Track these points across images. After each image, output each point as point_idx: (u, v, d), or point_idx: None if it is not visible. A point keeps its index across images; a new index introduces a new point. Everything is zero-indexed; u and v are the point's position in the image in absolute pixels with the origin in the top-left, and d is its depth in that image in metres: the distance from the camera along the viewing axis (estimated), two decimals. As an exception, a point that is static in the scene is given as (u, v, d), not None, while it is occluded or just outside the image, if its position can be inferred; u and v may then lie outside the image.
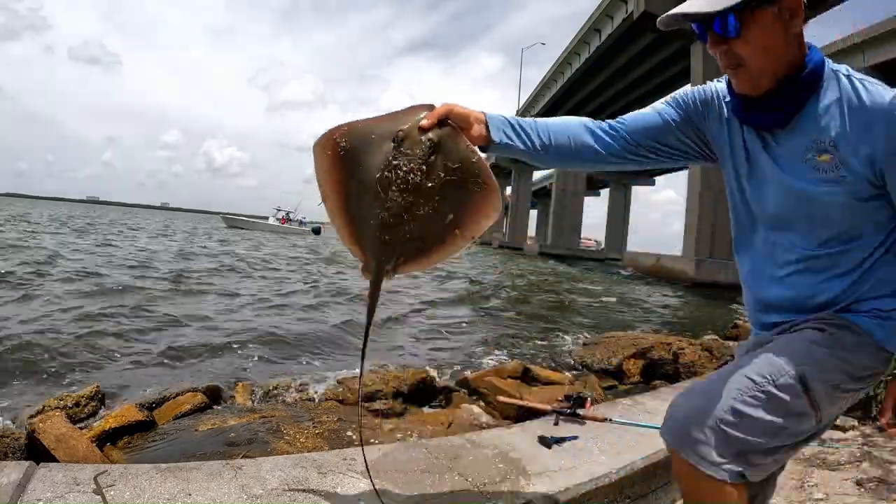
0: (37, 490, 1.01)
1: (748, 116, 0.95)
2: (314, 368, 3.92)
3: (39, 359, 3.54)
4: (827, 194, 0.88)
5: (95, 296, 6.23)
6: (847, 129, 0.85)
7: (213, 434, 2.01)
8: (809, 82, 0.88)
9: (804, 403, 0.87)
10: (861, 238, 0.91)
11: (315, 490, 1.15)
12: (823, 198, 0.88)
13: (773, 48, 0.87)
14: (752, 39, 0.86)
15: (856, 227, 0.90)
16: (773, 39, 0.86)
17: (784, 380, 0.87)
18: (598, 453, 1.54)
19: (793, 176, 0.91)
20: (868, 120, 0.83)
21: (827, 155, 0.87)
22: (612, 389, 3.64)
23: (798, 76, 0.88)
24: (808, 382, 0.87)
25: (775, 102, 0.90)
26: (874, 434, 2.37)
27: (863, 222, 0.90)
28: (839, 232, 0.91)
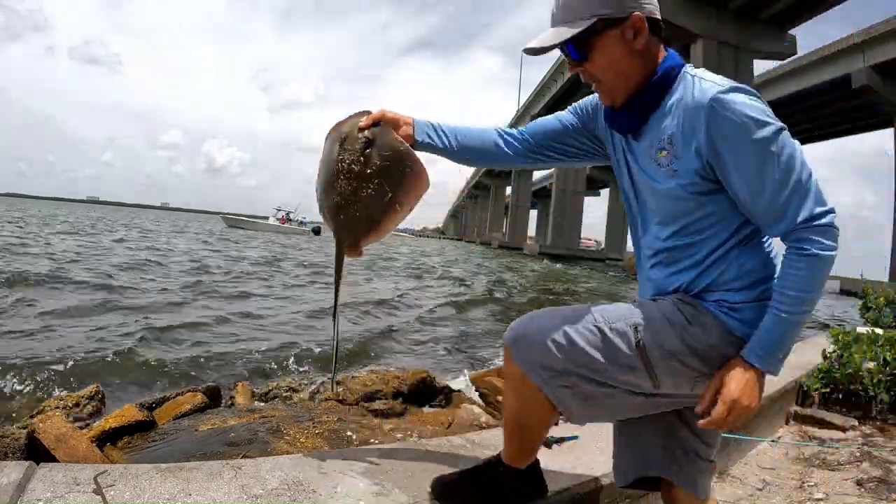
0: (37, 490, 1.01)
1: (612, 123, 1.06)
2: (314, 368, 3.92)
3: (40, 358, 3.54)
4: (668, 189, 0.96)
5: (108, 297, 6.23)
6: (682, 125, 0.92)
7: (213, 434, 2.01)
8: (658, 88, 0.97)
9: (634, 357, 0.95)
10: (705, 231, 0.97)
11: (315, 490, 1.15)
12: (666, 192, 0.97)
13: (620, 66, 0.97)
14: (599, 61, 0.97)
15: (699, 220, 0.97)
16: (619, 59, 0.96)
17: (619, 325, 0.96)
18: (598, 453, 1.54)
19: (647, 175, 1.00)
20: (696, 115, 0.90)
21: (664, 151, 0.95)
22: (612, 389, 3.64)
23: (646, 86, 0.98)
24: (641, 336, 0.95)
25: (627, 110, 1.00)
26: (874, 434, 2.37)
27: (704, 216, 0.96)
28: (684, 225, 0.98)
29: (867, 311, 4.79)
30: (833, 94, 26.11)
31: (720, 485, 1.86)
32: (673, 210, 0.98)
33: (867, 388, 2.58)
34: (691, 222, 0.97)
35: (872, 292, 4.81)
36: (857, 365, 2.63)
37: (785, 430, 2.50)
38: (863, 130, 34.13)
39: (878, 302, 4.72)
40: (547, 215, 54.44)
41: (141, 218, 58.69)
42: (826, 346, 2.97)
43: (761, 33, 21.94)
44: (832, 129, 34.39)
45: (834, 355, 2.78)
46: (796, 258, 0.89)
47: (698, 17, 20.88)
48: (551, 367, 0.96)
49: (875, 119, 28.81)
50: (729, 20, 21.29)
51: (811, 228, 0.88)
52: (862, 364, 2.64)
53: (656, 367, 0.95)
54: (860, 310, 5.00)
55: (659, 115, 0.98)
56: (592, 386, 0.97)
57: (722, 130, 0.88)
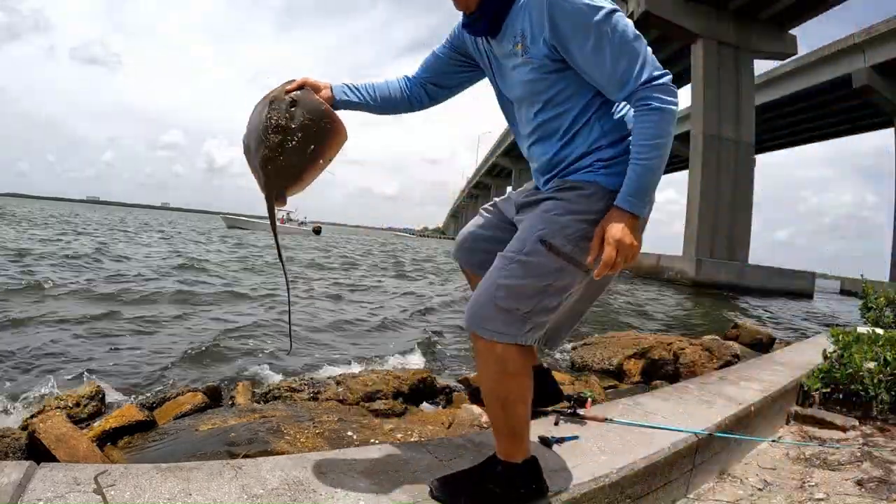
0: (37, 490, 1.01)
1: (470, 30, 1.22)
2: (315, 368, 3.92)
3: (40, 359, 3.54)
4: (527, 73, 1.14)
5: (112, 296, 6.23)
6: (531, 21, 1.09)
7: (214, 434, 2.01)
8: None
9: (554, 259, 1.10)
10: (565, 104, 1.15)
11: (315, 490, 1.15)
12: (527, 77, 1.14)
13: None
14: None
15: (556, 95, 1.14)
16: None
17: (528, 247, 1.11)
18: (598, 453, 1.54)
19: (511, 67, 1.18)
20: (540, 10, 1.06)
21: (519, 44, 1.12)
22: (613, 389, 3.64)
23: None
24: (549, 241, 1.10)
25: (482, 15, 1.15)
26: (875, 434, 2.37)
27: (560, 91, 1.14)
28: (546, 101, 1.16)
29: (868, 311, 4.79)
30: (833, 94, 26.07)
31: (720, 485, 1.86)
32: (534, 90, 1.15)
33: (868, 388, 2.58)
34: (551, 97, 1.15)
35: (873, 292, 4.80)
36: (858, 365, 2.62)
37: (785, 430, 2.50)
38: (863, 130, 34.06)
39: (879, 302, 4.72)
40: (547, 215, 54.26)
41: (148, 217, 58.68)
42: (827, 346, 2.97)
43: (761, 33, 21.92)
44: (832, 129, 34.33)
45: (834, 355, 2.78)
46: (644, 113, 1.05)
47: (698, 17, 20.86)
48: (512, 321, 1.09)
49: (875, 119, 28.77)
50: (729, 20, 21.26)
51: (651, 87, 1.04)
52: (862, 364, 2.63)
53: (574, 255, 1.11)
54: (861, 310, 5.00)
55: (511, 18, 1.14)
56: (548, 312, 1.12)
57: (562, 20, 1.04)
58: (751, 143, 21.78)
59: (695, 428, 1.80)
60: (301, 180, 1.30)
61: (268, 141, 1.25)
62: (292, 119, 1.25)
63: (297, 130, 1.25)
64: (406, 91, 1.40)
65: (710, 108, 20.91)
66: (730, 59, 21.36)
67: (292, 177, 1.29)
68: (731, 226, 21.17)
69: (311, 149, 1.26)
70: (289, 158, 1.26)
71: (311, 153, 1.27)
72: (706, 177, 20.87)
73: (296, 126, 1.25)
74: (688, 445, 1.70)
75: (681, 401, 2.16)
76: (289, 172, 1.28)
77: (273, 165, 1.26)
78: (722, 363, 3.70)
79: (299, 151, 1.25)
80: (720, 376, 2.68)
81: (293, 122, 1.25)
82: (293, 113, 1.26)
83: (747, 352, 4.61)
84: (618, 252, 1.04)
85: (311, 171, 1.30)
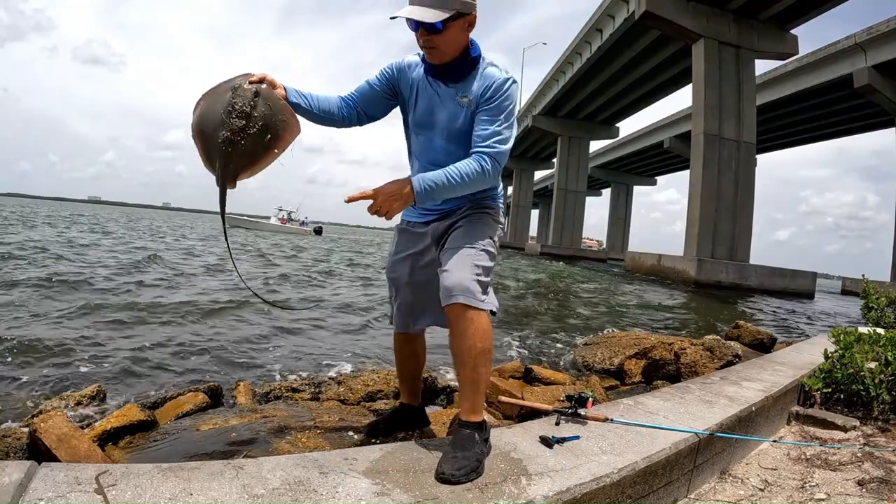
0: (38, 490, 1.01)
1: (437, 75, 1.57)
2: (316, 369, 3.92)
3: (41, 359, 3.55)
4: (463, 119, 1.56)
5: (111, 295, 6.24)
6: (479, 89, 1.53)
7: (215, 434, 2.01)
8: (472, 61, 1.55)
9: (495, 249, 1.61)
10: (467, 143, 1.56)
11: (316, 490, 1.15)
12: (462, 122, 1.56)
13: (457, 41, 1.50)
14: (448, 35, 1.47)
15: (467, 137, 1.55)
16: (458, 36, 1.49)
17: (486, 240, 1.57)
18: (599, 453, 1.54)
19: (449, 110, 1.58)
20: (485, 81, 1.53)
21: (466, 98, 1.55)
22: (614, 389, 3.64)
23: (465, 58, 1.54)
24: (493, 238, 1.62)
25: (454, 68, 1.55)
26: (876, 434, 2.37)
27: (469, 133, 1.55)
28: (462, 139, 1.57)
29: (869, 312, 4.78)
30: (834, 94, 26.04)
31: (721, 485, 1.86)
32: (460, 130, 1.57)
33: (869, 389, 2.58)
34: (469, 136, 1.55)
35: (874, 292, 4.80)
36: (859, 365, 2.62)
37: (786, 431, 2.50)
38: (864, 130, 34.01)
39: (880, 302, 4.72)
40: (548, 215, 54.42)
41: (154, 217, 58.76)
42: (827, 347, 2.96)
43: (762, 33, 21.88)
44: (833, 129, 34.26)
45: (835, 355, 2.77)
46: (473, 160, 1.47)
47: (698, 17, 20.83)
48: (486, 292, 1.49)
49: (876, 119, 28.74)
50: (729, 20, 21.22)
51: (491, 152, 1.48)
52: (864, 364, 2.63)
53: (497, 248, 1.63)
54: (862, 310, 4.99)
55: (470, 78, 1.55)
56: None
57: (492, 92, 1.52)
58: (752, 143, 21.75)
59: (696, 428, 1.80)
60: (255, 165, 1.40)
61: (231, 125, 1.34)
62: (255, 108, 1.36)
63: (259, 119, 1.36)
64: (343, 111, 1.68)
65: (710, 108, 20.88)
66: (730, 59, 21.34)
67: (249, 161, 1.39)
68: (733, 226, 21.14)
69: (267, 137, 1.38)
70: (248, 144, 1.36)
71: (268, 142, 1.38)
72: (707, 177, 20.84)
73: (258, 115, 1.36)
74: (689, 445, 1.70)
75: (682, 401, 2.16)
76: (246, 157, 1.38)
77: (234, 148, 1.35)
78: (723, 363, 3.69)
79: (258, 139, 1.36)
80: (721, 376, 2.68)
81: (255, 111, 1.36)
82: (256, 103, 1.37)
83: (748, 352, 4.60)
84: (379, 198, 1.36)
85: (265, 159, 1.41)
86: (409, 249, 1.75)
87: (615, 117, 40.13)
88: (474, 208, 1.64)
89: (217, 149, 1.35)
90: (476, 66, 1.56)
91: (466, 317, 1.43)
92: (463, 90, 1.55)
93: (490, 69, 1.54)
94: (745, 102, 21.58)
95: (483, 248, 1.53)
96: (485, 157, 1.47)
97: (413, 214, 1.75)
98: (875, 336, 2.91)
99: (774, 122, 31.04)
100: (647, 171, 58.11)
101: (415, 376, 2.00)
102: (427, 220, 1.71)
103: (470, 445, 1.39)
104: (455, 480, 1.26)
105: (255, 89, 1.38)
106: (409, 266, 1.74)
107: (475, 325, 1.43)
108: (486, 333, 1.45)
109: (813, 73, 25.01)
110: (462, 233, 1.57)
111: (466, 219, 1.61)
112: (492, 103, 1.50)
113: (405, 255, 1.75)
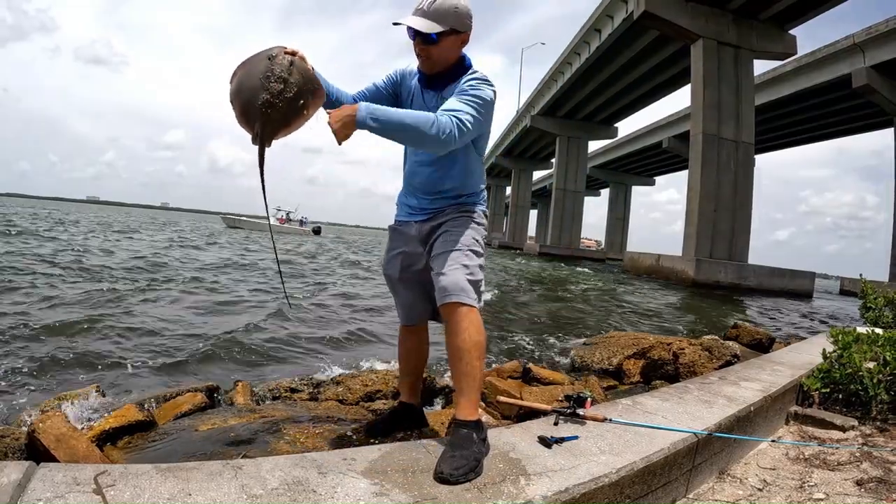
0: (37, 490, 1.01)
1: (427, 83, 1.73)
2: (315, 369, 3.92)
3: (40, 358, 3.54)
4: None
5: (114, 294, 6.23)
6: None
7: (214, 434, 2.00)
8: (458, 70, 1.69)
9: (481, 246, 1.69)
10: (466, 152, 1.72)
11: (315, 490, 1.15)
12: None
13: (449, 55, 1.66)
14: (442, 48, 1.63)
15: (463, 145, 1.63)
16: (451, 50, 1.65)
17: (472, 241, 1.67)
18: (598, 453, 1.54)
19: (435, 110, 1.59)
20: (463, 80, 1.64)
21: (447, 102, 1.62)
22: (612, 389, 3.64)
23: (455, 71, 1.69)
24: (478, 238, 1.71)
25: (442, 78, 1.70)
26: (874, 434, 2.37)
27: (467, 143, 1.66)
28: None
29: (867, 311, 4.79)
30: (833, 94, 26.06)
31: (720, 485, 1.86)
32: None
33: (867, 388, 2.58)
34: None
35: (872, 292, 4.81)
36: (858, 365, 2.63)
37: (785, 430, 2.50)
38: (863, 130, 34.04)
39: (878, 302, 4.72)
40: (547, 215, 54.39)
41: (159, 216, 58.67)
42: (826, 346, 2.97)
43: (761, 33, 21.88)
44: (832, 129, 34.28)
45: (834, 355, 2.78)
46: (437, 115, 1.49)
47: (697, 17, 20.84)
48: (478, 290, 1.59)
49: (875, 119, 28.77)
50: (729, 20, 21.22)
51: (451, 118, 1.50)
52: (862, 364, 2.63)
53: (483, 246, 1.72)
54: (860, 310, 5.00)
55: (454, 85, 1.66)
56: None
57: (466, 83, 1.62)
58: (750, 143, 21.76)
59: (694, 428, 1.80)
60: (289, 126, 1.52)
61: (270, 88, 1.46)
62: (290, 75, 1.49)
63: (294, 85, 1.48)
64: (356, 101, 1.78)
65: (709, 108, 20.88)
66: (729, 59, 21.35)
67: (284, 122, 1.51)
68: (731, 226, 21.15)
69: (300, 102, 1.50)
70: (284, 106, 1.48)
71: (301, 106, 1.51)
72: (706, 177, 20.85)
73: (293, 81, 1.49)
74: (687, 445, 1.70)
75: (680, 401, 2.16)
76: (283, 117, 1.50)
77: (272, 110, 1.47)
78: (721, 363, 3.70)
79: (293, 102, 1.48)
80: (720, 376, 2.68)
81: (291, 77, 1.49)
82: (292, 70, 1.50)
83: (747, 352, 4.61)
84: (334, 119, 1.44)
85: (298, 121, 1.52)
86: (399, 247, 1.85)
87: (614, 117, 40.14)
88: (458, 211, 1.73)
89: (257, 111, 1.47)
90: (464, 73, 1.68)
91: (460, 313, 1.52)
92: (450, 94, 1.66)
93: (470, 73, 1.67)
94: (744, 102, 21.59)
95: (470, 249, 1.64)
96: (445, 114, 1.50)
97: (402, 214, 1.85)
98: (873, 336, 2.91)
99: (773, 122, 31.05)
100: (645, 172, 58.11)
101: (416, 372, 2.01)
102: (415, 219, 1.80)
103: (468, 445, 1.40)
104: (453, 480, 1.26)
105: (290, 59, 1.51)
106: (401, 262, 1.84)
107: (468, 320, 1.52)
108: (479, 328, 1.54)
109: (812, 74, 25.03)
110: (448, 236, 1.66)
111: (450, 222, 1.70)
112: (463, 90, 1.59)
113: (396, 252, 1.85)
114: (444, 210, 1.74)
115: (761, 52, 22.28)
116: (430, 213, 1.77)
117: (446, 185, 1.73)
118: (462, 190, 1.75)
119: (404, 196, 1.86)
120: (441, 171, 1.72)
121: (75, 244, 13.11)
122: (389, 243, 1.90)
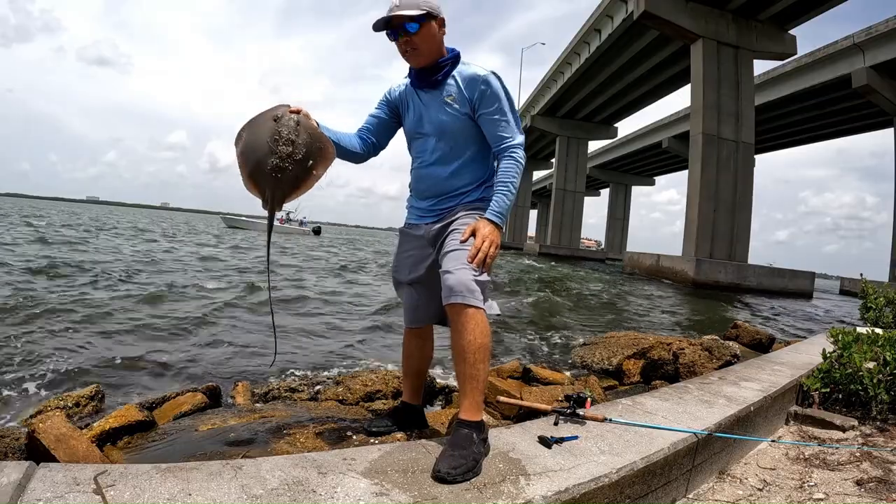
0: (37, 490, 1.01)
1: (417, 82, 1.74)
2: (315, 369, 3.92)
3: (40, 358, 3.54)
4: (450, 116, 1.70)
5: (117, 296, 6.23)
6: (463, 87, 1.68)
7: (213, 434, 2.00)
8: (448, 63, 1.70)
9: None
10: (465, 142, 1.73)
11: (315, 490, 1.15)
12: (449, 119, 1.71)
13: (431, 43, 1.67)
14: (423, 35, 1.64)
15: (460, 133, 1.72)
16: (432, 37, 1.66)
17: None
18: (598, 453, 1.54)
19: (436, 111, 1.72)
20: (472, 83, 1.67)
21: (451, 97, 1.69)
22: (612, 389, 3.64)
23: (443, 62, 1.70)
24: None
25: (430, 73, 1.71)
26: (874, 434, 2.37)
27: (464, 129, 1.72)
28: (454, 135, 1.72)
29: (867, 311, 4.79)
30: (833, 95, 26.05)
31: (720, 485, 1.86)
32: (450, 128, 1.71)
33: (867, 388, 2.58)
34: (457, 133, 1.72)
35: (873, 292, 4.81)
36: (858, 365, 2.63)
37: (785, 430, 2.50)
38: (862, 130, 34.02)
39: (878, 302, 4.72)
40: (547, 215, 54.36)
41: (157, 216, 58.63)
42: (826, 346, 2.97)
43: (761, 33, 21.87)
44: (832, 129, 34.27)
45: (834, 355, 2.78)
46: (506, 161, 1.66)
47: (697, 17, 20.83)
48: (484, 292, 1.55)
49: (875, 119, 28.76)
50: (729, 20, 21.22)
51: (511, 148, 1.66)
52: (862, 364, 2.63)
53: None
54: (860, 310, 5.00)
55: (447, 81, 1.71)
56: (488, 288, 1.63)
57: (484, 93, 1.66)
58: (750, 143, 21.75)
59: (694, 428, 1.80)
60: (299, 189, 1.53)
61: (279, 151, 1.46)
62: (298, 136, 1.49)
63: (302, 146, 1.49)
64: (362, 146, 1.86)
65: (709, 108, 20.88)
66: (729, 59, 21.34)
67: (294, 184, 1.51)
68: (731, 226, 21.14)
69: (309, 163, 1.51)
70: (294, 169, 1.48)
71: (310, 167, 1.52)
72: (706, 177, 20.84)
73: (301, 142, 1.49)
74: (687, 445, 1.70)
75: (680, 401, 2.16)
76: (293, 180, 1.50)
77: (282, 174, 1.48)
78: (721, 363, 3.70)
79: (302, 164, 1.49)
80: (720, 376, 2.68)
81: (299, 139, 1.49)
82: (299, 130, 1.50)
83: (747, 352, 4.60)
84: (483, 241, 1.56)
85: (308, 182, 1.53)
86: (409, 250, 1.85)
87: (614, 117, 40.11)
88: (465, 210, 1.73)
89: (267, 177, 1.47)
90: (455, 66, 1.72)
91: (467, 314, 1.50)
92: (447, 90, 1.70)
93: (469, 68, 1.70)
94: (744, 102, 21.58)
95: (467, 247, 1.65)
96: (511, 149, 1.65)
97: (412, 217, 1.86)
98: (873, 336, 2.91)
99: (773, 122, 31.05)
100: (645, 172, 58.09)
101: (419, 373, 2.01)
102: (423, 221, 1.81)
103: (467, 444, 1.40)
104: (451, 479, 1.26)
105: (296, 118, 1.52)
106: (410, 265, 1.84)
107: (474, 322, 1.50)
108: (485, 330, 1.52)
109: (811, 74, 25.02)
110: (457, 234, 1.65)
111: (459, 221, 1.69)
112: (490, 105, 1.66)
113: (406, 254, 1.86)
114: (453, 209, 1.74)
115: (761, 52, 22.27)
116: (439, 214, 1.77)
117: (454, 185, 1.74)
118: (469, 187, 1.75)
119: (413, 200, 1.86)
120: (446, 171, 1.74)
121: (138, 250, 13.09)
122: (399, 246, 1.90)
